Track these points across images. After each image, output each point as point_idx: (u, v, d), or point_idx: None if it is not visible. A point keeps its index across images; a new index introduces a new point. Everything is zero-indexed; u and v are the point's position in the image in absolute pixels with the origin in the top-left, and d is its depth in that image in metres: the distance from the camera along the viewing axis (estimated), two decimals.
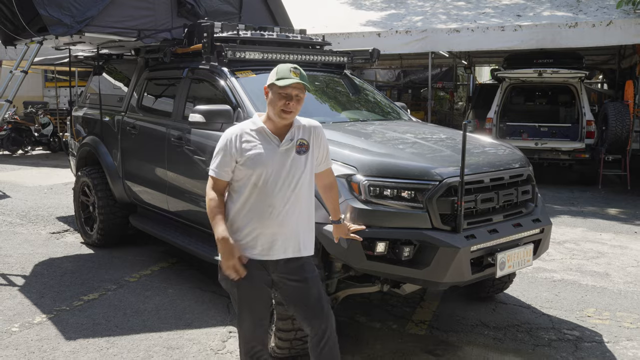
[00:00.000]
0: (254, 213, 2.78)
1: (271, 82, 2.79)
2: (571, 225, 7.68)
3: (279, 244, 2.81)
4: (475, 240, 3.50)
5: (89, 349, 3.90)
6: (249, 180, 2.77)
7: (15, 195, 9.03)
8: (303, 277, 2.88)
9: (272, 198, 2.77)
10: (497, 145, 4.40)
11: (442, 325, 4.39)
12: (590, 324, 4.46)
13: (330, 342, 2.97)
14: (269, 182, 2.76)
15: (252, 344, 2.92)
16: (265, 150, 2.77)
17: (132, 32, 5.37)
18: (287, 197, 2.79)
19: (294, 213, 2.81)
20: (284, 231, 2.81)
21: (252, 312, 2.88)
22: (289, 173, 2.79)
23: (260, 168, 2.75)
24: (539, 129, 10.95)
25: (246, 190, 2.78)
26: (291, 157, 2.81)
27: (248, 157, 2.75)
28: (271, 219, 2.78)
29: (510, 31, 10.01)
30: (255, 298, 2.87)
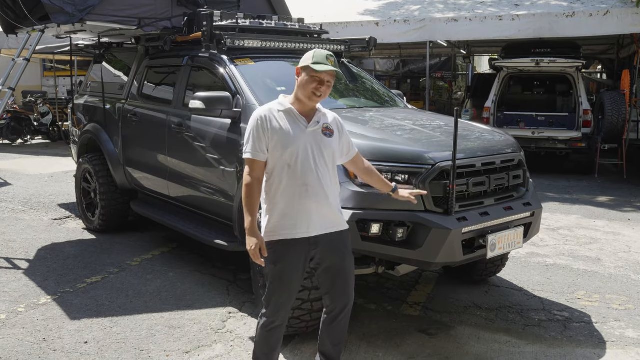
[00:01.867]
0: (290, 193, 2.88)
1: (306, 65, 2.88)
2: (566, 212, 7.80)
3: (317, 221, 2.93)
4: (467, 223, 3.61)
5: (93, 328, 4.03)
6: (280, 161, 2.87)
7: (17, 183, 9.13)
8: (342, 252, 3.04)
9: (305, 177, 2.88)
10: (489, 131, 4.51)
11: (436, 306, 4.51)
12: (580, 305, 4.58)
13: (347, 318, 3.17)
14: (300, 161, 2.87)
15: (273, 319, 3.04)
16: (294, 129, 2.89)
17: (132, 21, 5.45)
18: (319, 175, 2.91)
19: (327, 189, 2.95)
20: (320, 208, 2.93)
21: (284, 292, 3.00)
22: (319, 152, 2.92)
23: (291, 147, 2.86)
24: (536, 118, 11.04)
25: (280, 172, 2.88)
26: (319, 137, 2.95)
27: (279, 136, 2.86)
28: (308, 197, 2.89)
29: (508, 21, 10.07)
30: (291, 279, 2.98)
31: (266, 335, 3.09)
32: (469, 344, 3.88)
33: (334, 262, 3.04)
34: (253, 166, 2.89)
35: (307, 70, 2.89)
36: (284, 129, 2.88)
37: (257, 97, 4.44)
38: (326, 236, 2.99)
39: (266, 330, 3.07)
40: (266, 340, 3.09)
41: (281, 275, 2.97)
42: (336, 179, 3.05)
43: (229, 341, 3.88)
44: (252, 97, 4.44)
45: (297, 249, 2.95)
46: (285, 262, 2.95)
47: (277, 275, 2.97)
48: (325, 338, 3.24)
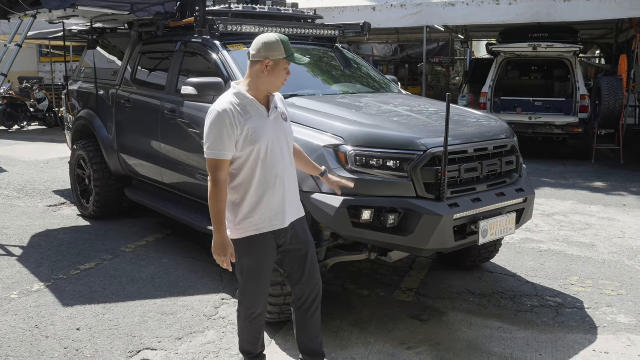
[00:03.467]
0: (264, 186, 2.85)
1: (281, 57, 2.79)
2: (561, 198, 7.80)
3: (288, 210, 2.94)
4: (459, 209, 3.60)
5: (85, 314, 4.03)
6: (251, 156, 2.79)
7: (12, 170, 9.11)
8: (306, 239, 3.05)
9: (276, 167, 2.86)
10: (482, 117, 4.48)
11: (429, 292, 4.52)
12: (572, 291, 4.59)
13: (318, 309, 3.16)
14: (271, 152, 2.83)
15: (253, 309, 3.04)
16: (260, 121, 2.83)
17: (125, 6, 5.39)
18: (285, 163, 2.91)
19: (291, 177, 2.96)
20: (289, 197, 2.94)
21: (259, 283, 3.00)
22: (282, 140, 2.90)
23: (261, 140, 2.80)
24: (534, 104, 11.00)
25: (252, 166, 2.81)
26: (279, 124, 2.91)
27: (249, 131, 2.77)
28: (280, 188, 2.89)
29: (505, 5, 9.99)
30: (264, 270, 2.98)
31: (249, 326, 3.09)
32: (460, 329, 3.89)
33: (302, 248, 3.04)
34: (219, 166, 2.75)
35: (280, 64, 2.81)
36: (252, 123, 2.79)
37: None
38: (295, 223, 3.00)
39: (248, 321, 3.07)
40: (250, 330, 3.10)
41: (257, 268, 2.96)
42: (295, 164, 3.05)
43: (221, 327, 3.89)
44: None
45: (272, 240, 2.94)
46: (261, 254, 2.93)
47: (253, 268, 2.96)
48: (302, 334, 3.19)
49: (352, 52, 5.65)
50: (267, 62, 2.81)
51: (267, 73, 2.82)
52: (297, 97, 4.35)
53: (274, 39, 2.82)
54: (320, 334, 3.23)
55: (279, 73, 2.84)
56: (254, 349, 3.17)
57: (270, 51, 2.81)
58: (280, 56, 2.81)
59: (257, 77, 2.85)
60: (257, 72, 2.84)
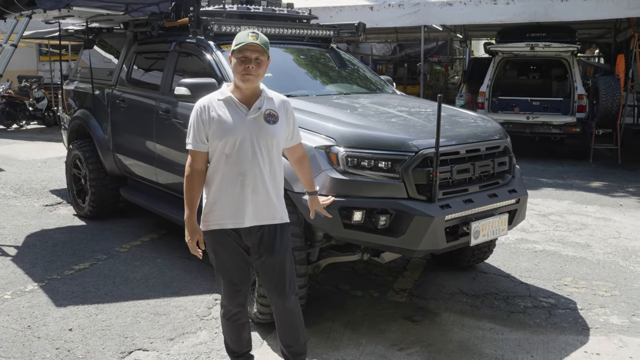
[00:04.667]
0: (227, 182, 2.85)
1: (232, 50, 2.84)
2: (558, 198, 7.80)
3: (251, 212, 2.88)
4: (450, 210, 3.61)
5: (78, 315, 4.04)
6: (217, 151, 2.83)
7: (9, 169, 9.12)
8: (273, 246, 2.95)
9: (243, 166, 2.82)
10: (475, 118, 4.48)
11: (422, 293, 4.52)
12: (566, 292, 4.59)
13: (291, 316, 3.08)
14: (238, 150, 2.81)
15: (229, 307, 3.07)
16: (233, 118, 2.82)
17: (119, 6, 5.39)
18: (258, 164, 2.84)
19: (265, 180, 2.87)
20: (256, 199, 2.87)
21: (228, 278, 3.01)
22: (258, 141, 2.84)
23: (228, 136, 2.80)
24: (531, 103, 11.00)
25: (217, 161, 2.84)
26: (260, 125, 2.86)
27: (216, 125, 2.80)
28: (244, 187, 2.84)
29: (503, 5, 9.99)
30: (231, 265, 2.99)
31: (227, 323, 3.12)
32: (452, 330, 3.89)
33: (266, 256, 2.97)
34: (194, 157, 2.86)
35: (233, 55, 2.83)
36: (222, 118, 2.81)
37: None
38: (260, 228, 2.93)
39: (226, 318, 3.11)
40: (230, 328, 3.14)
41: (223, 264, 2.99)
42: (280, 168, 2.96)
43: (213, 328, 3.89)
44: None
45: (231, 239, 2.93)
46: (224, 250, 2.95)
47: (219, 264, 3.00)
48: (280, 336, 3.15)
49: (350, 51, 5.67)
50: (230, 58, 2.87)
51: (233, 69, 2.86)
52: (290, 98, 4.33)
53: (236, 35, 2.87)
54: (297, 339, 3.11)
55: (235, 65, 2.83)
56: (237, 348, 3.19)
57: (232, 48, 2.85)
58: (233, 47, 2.83)
59: (233, 74, 2.90)
60: None
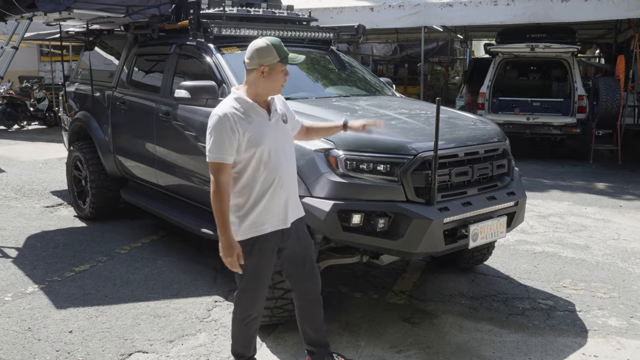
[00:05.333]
0: (267, 188, 2.89)
1: (275, 61, 2.82)
2: (558, 199, 7.80)
3: (290, 210, 3.00)
4: (449, 213, 3.62)
5: (78, 317, 4.05)
6: (253, 159, 2.84)
7: (11, 170, 9.14)
8: (305, 242, 3.14)
9: (277, 169, 2.90)
10: (474, 120, 4.49)
11: (421, 295, 4.54)
12: (565, 294, 4.60)
13: (320, 302, 3.26)
14: (274, 154, 2.88)
15: (250, 312, 3.09)
16: (261, 125, 2.87)
17: (120, 9, 5.40)
18: (287, 164, 2.96)
19: (292, 177, 3.02)
20: (291, 197, 3.00)
21: (259, 285, 3.04)
22: (283, 142, 2.95)
23: (264, 143, 2.84)
24: (531, 104, 11.01)
25: (255, 169, 2.86)
26: (281, 127, 2.97)
27: (250, 135, 2.81)
28: (282, 189, 2.93)
29: (503, 6, 10.01)
30: (264, 272, 3.03)
31: (244, 329, 3.12)
32: (451, 332, 3.91)
33: (302, 250, 3.12)
34: (221, 169, 2.79)
35: (276, 67, 2.84)
36: (255, 126, 2.83)
37: None
38: (296, 224, 3.07)
39: (244, 323, 3.10)
40: (244, 333, 3.14)
41: (258, 271, 3.00)
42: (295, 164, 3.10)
43: (213, 330, 3.91)
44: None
45: (273, 242, 2.98)
46: (262, 257, 2.97)
47: (254, 270, 2.99)
48: (306, 327, 3.29)
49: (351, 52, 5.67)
50: (262, 69, 2.84)
51: (264, 79, 2.86)
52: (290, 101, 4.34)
53: (264, 44, 2.84)
54: (323, 325, 3.31)
55: (276, 76, 2.87)
56: (246, 351, 3.21)
57: (264, 57, 2.84)
58: (274, 60, 2.84)
59: (255, 83, 2.88)
60: (254, 79, 2.88)
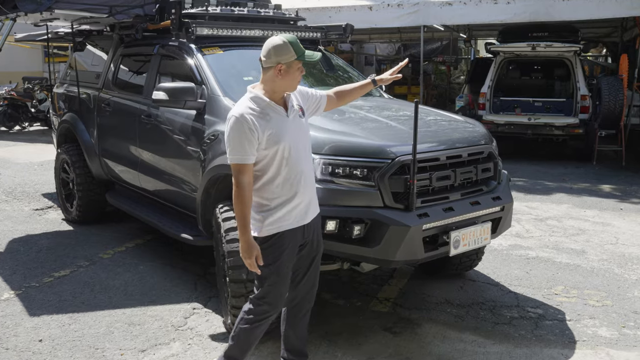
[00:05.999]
0: (290, 185, 2.86)
1: (292, 59, 2.78)
2: (557, 201, 7.63)
3: (311, 206, 2.98)
4: (428, 219, 3.48)
5: (51, 324, 3.95)
6: (275, 157, 2.82)
7: (5, 172, 9.09)
8: (318, 243, 3.10)
9: (300, 165, 2.88)
10: (458, 122, 4.34)
11: (406, 302, 4.40)
12: (555, 302, 4.45)
13: (309, 311, 3.23)
14: (295, 151, 2.84)
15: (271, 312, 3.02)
16: (280, 122, 2.83)
17: (103, 9, 5.30)
18: (307, 160, 2.96)
19: (311, 172, 3.00)
20: (312, 192, 3.00)
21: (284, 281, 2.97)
22: (303, 137, 2.94)
23: (284, 140, 2.81)
24: (533, 104, 10.83)
25: (277, 166, 2.84)
26: (298, 123, 2.93)
27: (270, 133, 2.77)
28: (305, 185, 2.91)
29: (503, 4, 9.81)
30: (287, 269, 2.96)
31: (253, 330, 3.02)
32: (433, 342, 3.77)
33: (313, 251, 3.08)
34: (244, 170, 2.76)
35: (293, 65, 2.81)
36: (273, 124, 2.81)
37: (222, 88, 4.32)
38: (315, 221, 3.04)
39: (258, 324, 3.01)
40: (250, 335, 3.04)
41: (280, 267, 2.92)
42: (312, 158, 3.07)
43: (187, 339, 3.79)
44: (217, 88, 4.32)
45: (296, 238, 2.94)
46: (285, 253, 2.91)
47: (276, 268, 2.92)
48: (290, 333, 3.22)
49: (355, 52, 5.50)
50: (279, 67, 2.81)
51: (281, 77, 2.83)
52: None
53: (281, 41, 2.81)
54: (306, 334, 3.27)
55: (293, 74, 2.85)
56: (242, 356, 3.11)
57: (281, 55, 2.80)
58: (292, 58, 2.80)
59: (272, 81, 2.85)
60: (271, 77, 2.84)
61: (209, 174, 4.00)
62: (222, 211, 3.75)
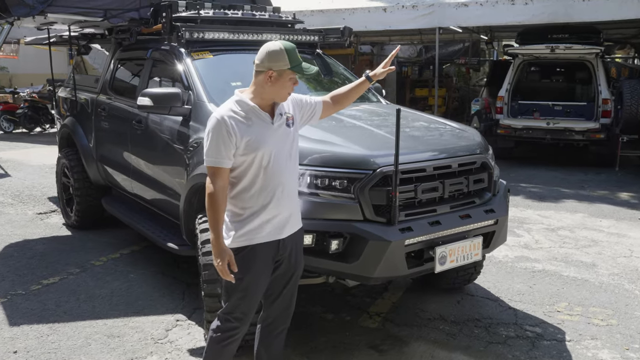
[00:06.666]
0: (265, 196, 2.71)
1: (285, 68, 2.64)
2: (572, 210, 7.33)
3: (289, 220, 2.80)
4: (412, 233, 3.30)
5: (29, 335, 3.87)
6: (252, 164, 2.68)
7: (16, 175, 9.15)
8: (296, 261, 2.90)
9: (280, 176, 2.72)
10: (452, 129, 4.13)
11: (398, 318, 4.21)
12: (557, 320, 4.21)
13: (284, 332, 3.04)
14: (275, 160, 2.69)
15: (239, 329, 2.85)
16: (262, 128, 2.69)
17: (98, 12, 5.25)
18: (290, 171, 2.78)
19: (294, 185, 2.84)
20: (293, 206, 2.83)
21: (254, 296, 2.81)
22: (288, 147, 2.77)
23: (262, 148, 2.66)
24: (553, 108, 10.49)
25: (253, 175, 2.69)
26: (285, 132, 2.78)
27: (249, 139, 2.64)
28: (283, 197, 2.74)
29: (521, 5, 9.53)
30: (260, 283, 2.80)
31: (220, 350, 2.88)
32: None
33: (290, 270, 2.89)
34: (218, 174, 2.64)
35: (284, 74, 2.66)
36: (253, 130, 2.66)
37: (208, 94, 4.20)
38: (294, 236, 2.86)
39: (224, 344, 2.85)
40: (220, 355, 2.89)
41: (250, 282, 2.77)
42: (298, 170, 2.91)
43: (165, 353, 3.67)
44: (203, 94, 4.20)
45: (268, 253, 2.77)
46: (255, 268, 2.75)
47: (249, 280, 2.76)
48: (262, 352, 3.05)
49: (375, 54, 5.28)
50: (270, 73, 2.67)
51: (270, 84, 2.68)
52: None
53: (277, 47, 2.67)
54: (281, 354, 3.09)
55: (284, 83, 2.69)
56: None
57: (274, 61, 2.65)
58: (284, 67, 2.66)
59: (261, 86, 2.71)
60: (261, 82, 2.71)
61: (191, 182, 3.89)
62: (201, 222, 3.62)
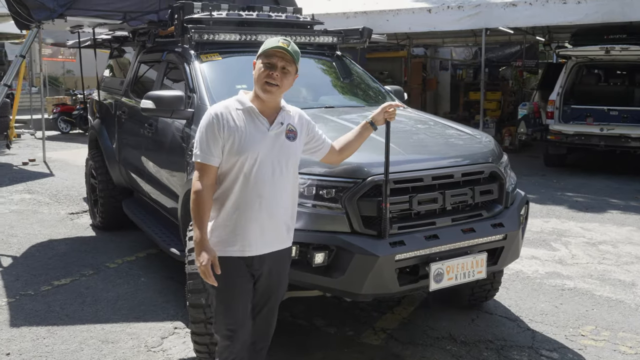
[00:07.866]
0: (242, 205, 2.53)
1: (257, 54, 2.55)
2: (620, 223, 6.82)
3: (265, 237, 2.59)
4: (404, 248, 3.06)
5: (26, 337, 3.87)
6: (234, 168, 2.52)
7: (60, 174, 9.40)
8: (278, 282, 2.72)
9: (261, 187, 2.52)
10: (459, 135, 3.84)
11: (404, 335, 3.96)
12: (579, 345, 3.85)
13: (264, 350, 2.85)
14: (258, 169, 2.51)
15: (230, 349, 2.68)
16: (254, 132, 2.53)
17: (117, 15, 5.28)
18: (276, 185, 2.55)
19: (282, 201, 2.60)
20: (272, 223, 2.59)
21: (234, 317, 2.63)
22: (278, 159, 2.56)
23: (247, 153, 2.50)
24: (608, 113, 9.85)
25: (231, 180, 2.53)
26: (281, 142, 2.58)
27: (235, 139, 2.49)
28: (260, 211, 2.54)
29: (573, 4, 8.98)
30: (238, 300, 2.62)
31: None
32: None
33: (268, 286, 2.69)
34: (204, 171, 2.51)
35: (259, 59, 2.55)
36: (242, 131, 2.50)
37: (211, 97, 4.08)
38: (274, 256, 2.64)
39: None
40: None
41: (228, 297, 2.60)
42: (296, 188, 2.68)
43: None
44: (206, 97, 4.09)
45: (240, 268, 2.59)
46: (230, 281, 2.57)
47: (223, 297, 2.60)
48: None
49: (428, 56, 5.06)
50: (253, 64, 2.59)
51: (255, 78, 2.56)
52: None
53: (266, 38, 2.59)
54: None
55: (259, 72, 2.53)
56: None
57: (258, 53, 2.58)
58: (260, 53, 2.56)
59: (254, 84, 2.59)
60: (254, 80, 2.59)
61: (187, 186, 3.77)
62: (190, 229, 3.50)
